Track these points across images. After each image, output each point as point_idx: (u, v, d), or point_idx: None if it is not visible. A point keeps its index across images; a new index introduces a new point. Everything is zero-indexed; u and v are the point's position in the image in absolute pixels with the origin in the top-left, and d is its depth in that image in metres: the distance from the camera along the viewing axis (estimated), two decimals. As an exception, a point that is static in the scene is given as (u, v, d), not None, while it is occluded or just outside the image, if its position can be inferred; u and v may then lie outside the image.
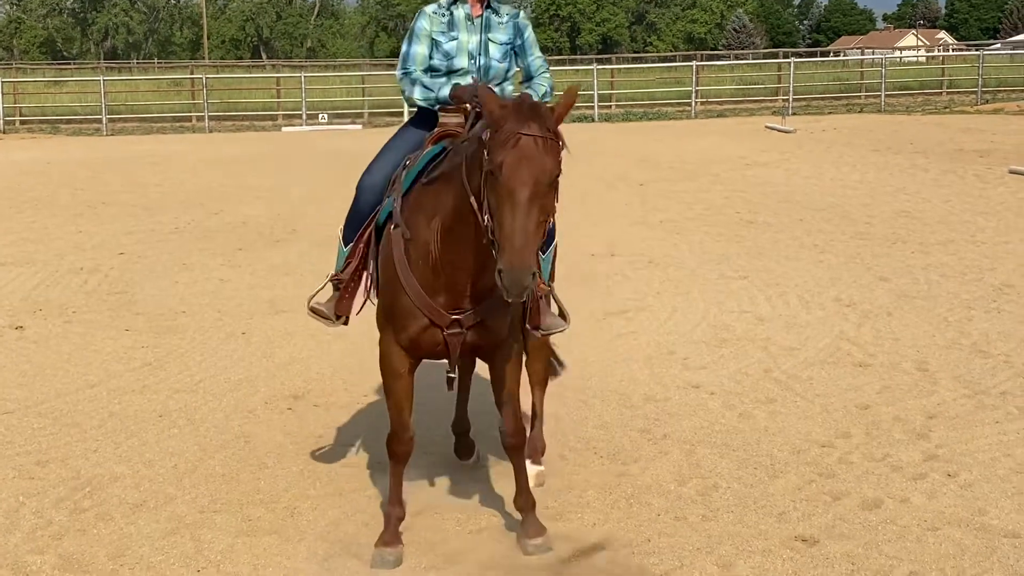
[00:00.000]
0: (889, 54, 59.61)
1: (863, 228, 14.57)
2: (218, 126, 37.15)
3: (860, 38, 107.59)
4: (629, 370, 8.57)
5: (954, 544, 5.53)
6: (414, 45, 5.68)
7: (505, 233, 4.38)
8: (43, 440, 7.20)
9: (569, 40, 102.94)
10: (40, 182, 21.26)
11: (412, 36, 5.71)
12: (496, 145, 4.44)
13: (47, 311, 10.82)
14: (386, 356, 5.32)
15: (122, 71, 64.59)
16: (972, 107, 37.44)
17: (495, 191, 4.44)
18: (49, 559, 5.50)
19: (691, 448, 6.90)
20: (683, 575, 5.28)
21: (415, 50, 5.68)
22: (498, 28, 5.76)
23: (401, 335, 5.21)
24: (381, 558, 5.40)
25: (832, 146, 25.04)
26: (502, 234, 4.40)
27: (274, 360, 9.03)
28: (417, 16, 5.76)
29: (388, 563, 5.38)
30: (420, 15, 5.74)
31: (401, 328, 5.19)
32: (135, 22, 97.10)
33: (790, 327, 9.73)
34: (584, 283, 11.22)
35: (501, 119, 4.48)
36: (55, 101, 40.96)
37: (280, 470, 6.65)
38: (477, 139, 4.68)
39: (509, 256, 4.35)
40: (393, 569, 5.35)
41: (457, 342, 5.19)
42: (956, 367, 8.46)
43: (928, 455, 6.71)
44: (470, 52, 5.68)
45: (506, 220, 4.39)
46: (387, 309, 5.26)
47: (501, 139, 4.43)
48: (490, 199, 4.49)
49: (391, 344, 5.27)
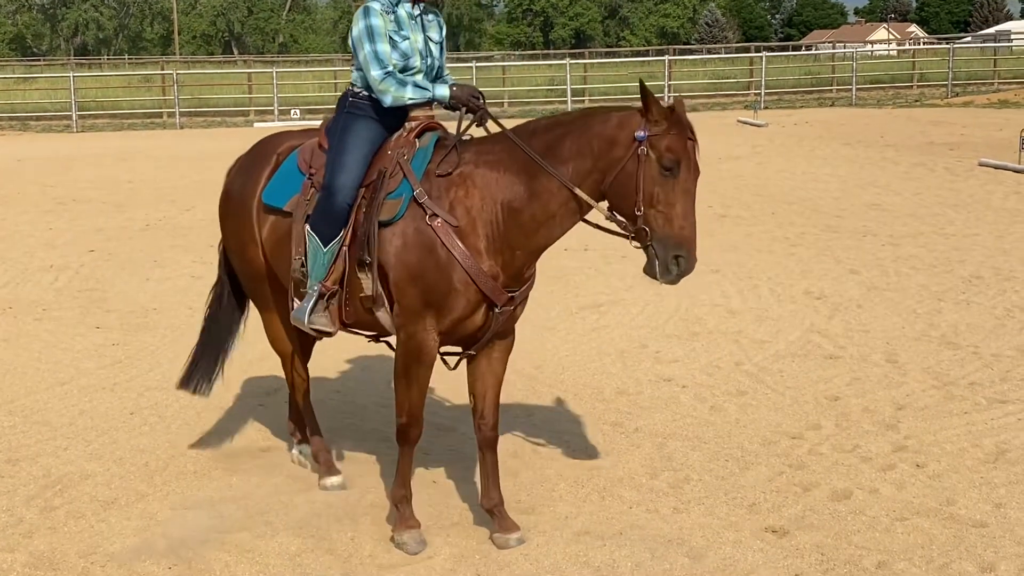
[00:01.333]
0: (860, 48, 59.86)
1: (834, 221, 14.65)
2: (189, 122, 37.00)
3: (832, 32, 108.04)
4: (602, 364, 8.60)
5: (923, 534, 5.58)
6: (379, 44, 5.55)
7: (686, 224, 5.08)
8: (13, 438, 7.17)
9: (542, 35, 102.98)
10: (10, 179, 21.12)
11: (373, 35, 5.55)
12: (672, 146, 5.04)
13: (17, 309, 10.76)
14: (421, 344, 5.41)
15: (92, 67, 64.11)
16: (942, 100, 37.67)
17: (668, 186, 5.05)
18: (20, 557, 5.48)
19: (663, 441, 6.93)
20: (654, 567, 5.30)
21: (383, 48, 5.56)
22: (431, 27, 5.82)
23: (445, 320, 5.37)
24: (415, 540, 5.53)
25: (804, 140, 25.16)
26: (681, 225, 5.07)
27: (246, 356, 8.98)
28: (367, 13, 5.59)
29: (422, 544, 5.53)
30: (370, 13, 5.58)
31: (448, 311, 5.35)
32: (105, 18, 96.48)
33: (761, 320, 9.79)
34: (557, 278, 11.24)
35: (667, 122, 5.06)
36: (24, 98, 40.69)
37: (252, 466, 6.64)
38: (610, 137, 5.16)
39: (690, 245, 5.10)
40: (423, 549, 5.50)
41: (500, 322, 5.49)
42: (925, 359, 8.52)
43: (897, 446, 6.76)
44: (420, 51, 5.72)
45: (685, 213, 5.08)
46: (429, 296, 5.34)
47: (676, 142, 5.04)
48: (656, 191, 5.05)
49: (428, 332, 5.39)
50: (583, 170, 5.22)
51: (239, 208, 6.14)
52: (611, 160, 5.17)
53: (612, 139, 5.17)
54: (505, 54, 68.34)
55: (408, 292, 5.37)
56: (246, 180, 6.15)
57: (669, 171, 5.04)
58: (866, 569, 5.24)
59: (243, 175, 6.21)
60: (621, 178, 5.14)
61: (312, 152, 5.85)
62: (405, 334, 5.44)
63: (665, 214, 5.07)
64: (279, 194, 5.87)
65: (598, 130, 5.23)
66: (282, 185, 5.88)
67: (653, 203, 5.08)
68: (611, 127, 5.20)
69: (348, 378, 8.32)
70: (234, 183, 6.27)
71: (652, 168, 5.06)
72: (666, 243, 5.10)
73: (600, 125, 5.24)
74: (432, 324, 5.38)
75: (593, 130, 5.25)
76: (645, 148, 5.07)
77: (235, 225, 6.20)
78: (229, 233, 6.32)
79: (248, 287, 6.40)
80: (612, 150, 5.17)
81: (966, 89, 40.70)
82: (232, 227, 6.25)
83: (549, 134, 5.35)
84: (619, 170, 5.13)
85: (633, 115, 5.18)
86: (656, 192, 5.06)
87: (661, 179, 5.05)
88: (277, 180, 5.94)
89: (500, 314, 5.45)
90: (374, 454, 6.79)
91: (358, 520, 5.86)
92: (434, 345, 5.43)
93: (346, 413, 7.57)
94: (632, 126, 5.13)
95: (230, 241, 6.33)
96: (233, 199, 6.22)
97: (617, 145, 5.15)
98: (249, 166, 6.22)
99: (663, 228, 5.09)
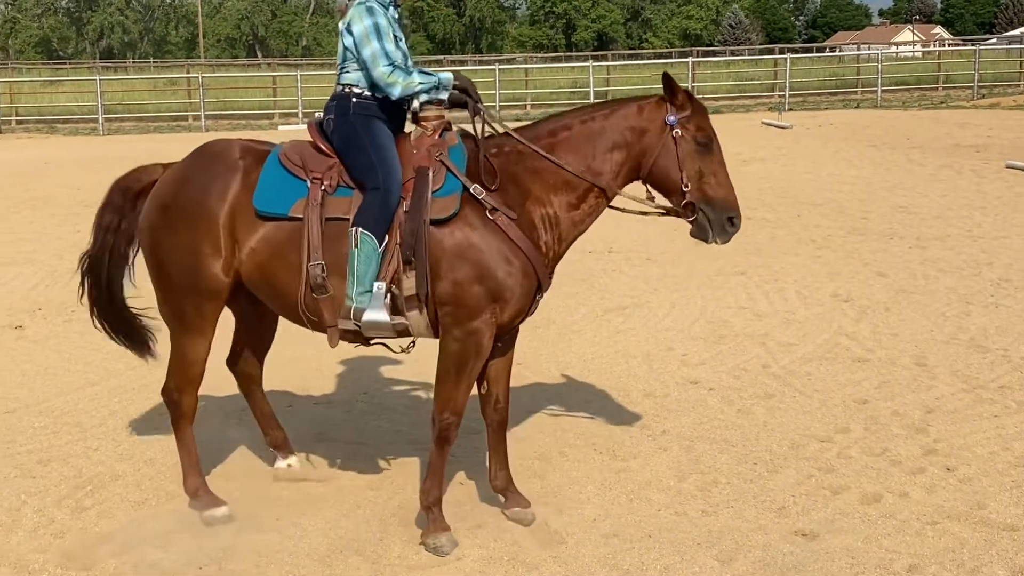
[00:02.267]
0: (885, 49, 59.60)
1: (860, 223, 14.60)
2: (214, 125, 37.14)
3: (856, 33, 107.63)
4: (628, 366, 8.60)
5: (953, 538, 5.56)
6: (386, 42, 5.64)
7: (730, 189, 5.59)
8: (44, 439, 7.22)
9: (565, 37, 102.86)
10: (37, 181, 21.26)
11: (379, 33, 5.63)
12: (701, 124, 5.58)
13: (47, 310, 10.84)
14: (481, 339, 5.50)
15: (118, 70, 64.52)
16: (968, 102, 37.47)
17: (706, 159, 5.57)
18: (51, 557, 5.52)
19: (690, 444, 6.93)
20: (683, 570, 5.30)
21: (389, 47, 5.65)
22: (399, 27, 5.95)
23: (509, 309, 5.52)
24: (451, 543, 5.56)
25: (829, 142, 25.07)
26: (727, 190, 5.58)
27: (274, 358, 9.02)
28: (371, 12, 5.65)
29: (455, 544, 5.56)
30: (375, 12, 5.66)
31: (513, 303, 5.52)
32: (130, 21, 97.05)
33: (788, 323, 9.76)
34: (582, 280, 11.24)
35: (691, 105, 5.60)
36: (51, 101, 40.89)
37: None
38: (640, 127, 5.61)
39: (737, 206, 5.61)
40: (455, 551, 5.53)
41: (536, 307, 5.79)
42: (954, 362, 8.48)
43: (927, 449, 6.74)
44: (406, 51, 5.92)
45: (728, 180, 5.60)
46: (495, 291, 5.45)
47: (703, 120, 5.60)
48: (698, 166, 5.55)
49: (489, 326, 5.49)
50: (619, 160, 5.66)
51: (196, 219, 5.66)
52: (644, 147, 5.62)
53: (642, 129, 5.63)
54: (527, 56, 68.23)
55: (472, 289, 5.42)
56: (204, 189, 5.71)
57: (704, 146, 5.57)
58: (897, 573, 5.23)
59: (194, 184, 5.74)
60: (661, 161, 5.59)
61: (304, 155, 5.69)
62: (463, 331, 5.46)
63: (710, 184, 5.58)
64: (277, 201, 5.59)
65: (628, 123, 5.65)
66: (277, 191, 5.60)
67: (697, 176, 5.57)
68: (639, 118, 5.65)
69: (375, 379, 8.34)
70: (182, 193, 5.75)
71: (689, 147, 5.56)
72: (717, 207, 5.57)
73: (629, 118, 5.67)
74: (493, 318, 5.48)
75: (622, 123, 5.66)
76: (679, 131, 5.56)
77: (188, 238, 5.68)
78: (171, 247, 5.75)
79: (180, 304, 5.83)
80: (644, 137, 5.62)
81: (992, 91, 40.45)
82: (182, 240, 5.70)
83: (576, 130, 5.68)
84: (656, 154, 5.59)
85: (657, 103, 5.66)
86: (698, 167, 5.57)
87: (698, 155, 5.57)
88: (266, 187, 5.62)
89: (536, 299, 5.72)
90: (402, 456, 6.80)
91: (386, 521, 5.88)
92: (492, 337, 5.55)
93: (373, 415, 7.60)
94: (660, 113, 5.61)
95: (172, 255, 5.74)
96: (185, 209, 5.70)
97: (648, 132, 5.61)
98: (202, 174, 5.78)
99: (713, 194, 5.57)
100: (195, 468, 6.06)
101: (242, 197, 5.67)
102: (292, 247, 5.58)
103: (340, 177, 5.64)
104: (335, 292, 5.55)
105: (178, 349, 5.95)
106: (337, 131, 5.74)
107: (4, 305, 11.09)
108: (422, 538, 5.63)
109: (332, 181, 5.62)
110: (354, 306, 5.47)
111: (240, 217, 5.66)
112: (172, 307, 5.89)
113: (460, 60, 64.96)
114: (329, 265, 5.53)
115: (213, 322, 5.88)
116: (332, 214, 5.57)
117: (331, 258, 5.53)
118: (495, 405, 5.93)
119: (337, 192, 5.61)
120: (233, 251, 5.68)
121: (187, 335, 5.88)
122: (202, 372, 5.98)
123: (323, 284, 5.54)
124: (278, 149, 5.81)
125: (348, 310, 5.50)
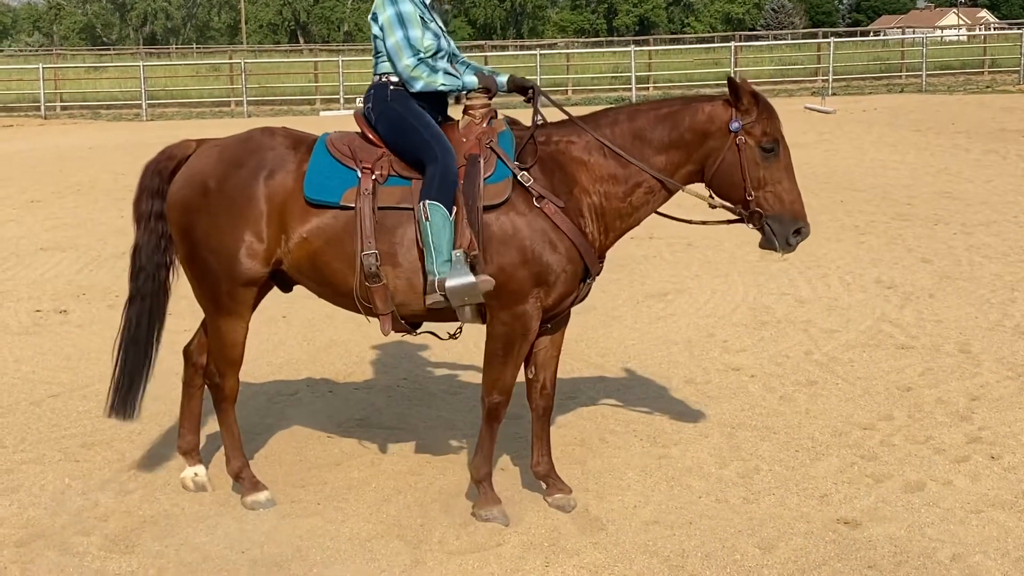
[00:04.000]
0: (930, 33, 59.00)
1: (904, 209, 14.46)
2: (257, 111, 37.33)
3: (900, 17, 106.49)
4: (669, 353, 8.57)
5: (998, 527, 5.51)
6: (411, 29, 5.61)
7: (796, 198, 5.45)
8: (88, 423, 7.29)
9: (606, 22, 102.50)
10: (82, 167, 21.46)
11: (404, 20, 5.60)
12: (767, 130, 5.41)
13: (91, 295, 10.93)
14: (528, 321, 5.55)
15: (161, 56, 64.98)
16: (1014, 86, 37.00)
17: (772, 167, 5.42)
18: (95, 540, 5.58)
19: (732, 431, 6.90)
20: (724, 557, 5.28)
21: (415, 34, 5.61)
22: (435, 15, 5.90)
23: (552, 295, 5.54)
24: (503, 514, 5.70)
25: (872, 127, 24.85)
26: (792, 199, 5.44)
27: (315, 343, 9.09)
28: (393, 1, 5.63)
29: (506, 516, 5.69)
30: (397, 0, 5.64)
31: (558, 287, 5.54)
32: (173, 7, 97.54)
33: (831, 309, 9.69)
34: (623, 266, 11.21)
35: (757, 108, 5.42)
36: (95, 87, 41.27)
37: (323, 453, 6.70)
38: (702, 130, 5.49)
39: (804, 216, 5.46)
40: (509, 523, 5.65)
41: (585, 292, 5.78)
42: (999, 349, 8.39)
43: (971, 437, 6.67)
44: (444, 34, 5.86)
45: (792, 187, 5.46)
46: (541, 276, 5.48)
47: (770, 125, 5.43)
48: (763, 174, 5.42)
49: (536, 308, 5.53)
50: (676, 161, 5.57)
51: (242, 207, 5.62)
52: (706, 151, 5.51)
53: (704, 132, 5.50)
54: (569, 41, 68.15)
55: (518, 274, 5.45)
56: (253, 176, 5.65)
57: (770, 152, 5.42)
58: (940, 562, 5.18)
59: (243, 171, 5.68)
60: (724, 168, 5.48)
61: (354, 145, 5.69)
62: (510, 314, 5.51)
63: (775, 193, 5.44)
64: (327, 189, 5.58)
65: (689, 123, 5.53)
66: (327, 180, 5.59)
67: (761, 185, 5.44)
68: (702, 121, 5.52)
69: (417, 364, 8.36)
70: (229, 178, 5.68)
71: (753, 154, 5.42)
72: (784, 220, 5.44)
73: (691, 119, 5.54)
74: (540, 302, 5.52)
75: (684, 123, 5.54)
76: (743, 137, 5.41)
77: (227, 222, 5.63)
78: (210, 231, 5.68)
79: (214, 288, 5.78)
80: (706, 142, 5.50)
81: (1039, 75, 39.95)
82: (222, 225, 5.64)
83: (634, 123, 5.62)
84: (720, 160, 5.47)
85: (721, 106, 5.51)
86: (762, 175, 5.43)
87: (764, 162, 5.42)
88: (316, 176, 5.60)
89: (587, 284, 5.72)
90: (443, 441, 6.81)
91: (427, 506, 5.89)
92: (539, 320, 5.58)
93: (415, 400, 7.61)
94: (724, 118, 5.47)
95: (210, 240, 5.68)
96: (230, 196, 5.64)
97: (711, 137, 5.49)
98: (252, 160, 5.71)
99: (778, 207, 5.44)
100: (238, 451, 6.09)
101: (293, 186, 5.64)
102: (346, 236, 5.57)
103: (391, 167, 5.63)
104: (387, 281, 5.56)
105: (215, 332, 5.94)
106: (381, 119, 5.73)
107: (49, 290, 11.20)
108: (474, 509, 5.75)
109: (383, 171, 5.61)
110: (437, 277, 5.44)
111: (290, 206, 5.63)
112: (206, 291, 5.85)
113: (501, 45, 64.84)
114: (383, 254, 5.53)
115: (249, 304, 5.87)
116: (384, 203, 5.56)
117: (384, 247, 5.53)
118: (541, 391, 5.94)
119: (389, 182, 5.60)
120: (278, 241, 5.65)
121: (223, 318, 5.85)
122: (241, 354, 5.98)
123: (376, 273, 5.53)
124: (324, 137, 5.80)
125: (432, 283, 5.46)
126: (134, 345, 6.14)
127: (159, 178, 5.98)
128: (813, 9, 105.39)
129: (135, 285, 6.14)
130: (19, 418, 7.41)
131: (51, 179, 19.72)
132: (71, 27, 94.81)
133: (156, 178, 5.99)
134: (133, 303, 6.15)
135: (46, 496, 6.13)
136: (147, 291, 6.11)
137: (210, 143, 5.99)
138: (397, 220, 5.55)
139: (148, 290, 6.11)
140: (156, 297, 6.13)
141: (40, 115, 36.73)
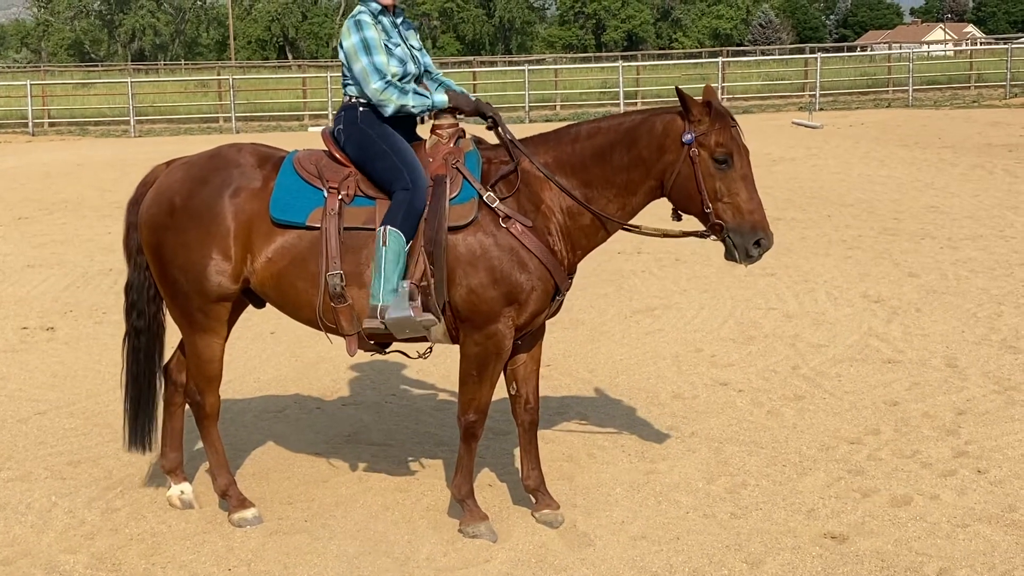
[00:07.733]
0: (917, 48, 59.26)
1: (891, 224, 14.51)
2: (245, 126, 37.32)
3: (887, 32, 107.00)
4: (656, 368, 8.58)
5: (984, 541, 5.52)
6: (376, 55, 5.58)
7: (754, 207, 5.28)
8: (75, 440, 7.27)
9: (594, 37, 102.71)
10: (69, 184, 21.42)
11: (368, 47, 5.57)
12: (720, 140, 5.26)
13: (78, 312, 10.91)
14: (502, 341, 5.56)
15: (149, 72, 64.92)
16: (1001, 101, 37.15)
17: (727, 178, 5.28)
18: (82, 558, 5.56)
19: (719, 446, 6.90)
20: (712, 572, 5.28)
21: (380, 60, 5.59)
22: (409, 35, 5.90)
23: (525, 312, 5.54)
24: (490, 529, 5.71)
25: (860, 141, 24.93)
26: (750, 210, 5.27)
27: (303, 360, 9.08)
28: (359, 27, 5.61)
29: (493, 532, 5.70)
30: (363, 26, 5.61)
31: (529, 306, 5.53)
32: (162, 23, 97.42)
33: (818, 324, 9.71)
34: (611, 281, 11.22)
35: (709, 118, 5.29)
36: (83, 103, 41.20)
37: (310, 469, 6.69)
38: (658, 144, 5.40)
39: (764, 226, 5.29)
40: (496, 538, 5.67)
41: (556, 308, 5.78)
42: (986, 363, 8.42)
43: (958, 451, 6.69)
44: (412, 57, 5.82)
45: (750, 197, 5.29)
46: (512, 295, 5.48)
47: (722, 135, 5.26)
48: (718, 185, 5.29)
49: (509, 328, 5.54)
50: (636, 179, 5.51)
51: (208, 224, 5.60)
52: (663, 166, 5.43)
53: (660, 146, 5.42)
54: (557, 57, 68.24)
55: (488, 295, 5.45)
56: (217, 193, 5.63)
57: (724, 163, 5.29)
58: (927, 576, 5.19)
59: (208, 188, 5.65)
60: (679, 181, 5.39)
61: (321, 165, 5.68)
62: (483, 335, 5.51)
63: (732, 204, 5.31)
64: (294, 210, 5.57)
65: (646, 140, 5.46)
66: (294, 200, 5.58)
67: (718, 197, 5.32)
68: (657, 135, 5.43)
69: (405, 381, 8.35)
70: (194, 196, 5.66)
71: (707, 165, 5.30)
72: (742, 232, 5.31)
73: (647, 134, 5.46)
74: (512, 321, 5.52)
75: (642, 140, 5.47)
76: (696, 149, 5.31)
77: (195, 239, 5.61)
78: (178, 249, 5.66)
79: (186, 306, 5.75)
80: (663, 156, 5.42)
81: (1025, 90, 40.14)
82: (189, 241, 5.62)
83: (592, 141, 5.57)
84: (675, 174, 5.38)
85: (674, 119, 5.42)
86: (718, 186, 5.31)
87: (719, 173, 5.30)
88: (282, 195, 5.59)
89: (558, 300, 5.72)
90: (431, 458, 6.81)
91: (415, 523, 5.89)
92: (512, 338, 5.59)
93: (402, 416, 7.61)
94: (676, 130, 5.37)
95: (178, 257, 5.66)
96: (196, 213, 5.62)
97: (667, 151, 5.40)
98: (217, 179, 5.68)
99: (735, 219, 5.31)
100: (224, 468, 6.08)
101: (258, 205, 5.63)
102: (311, 256, 5.57)
103: (357, 187, 5.62)
104: (353, 301, 5.55)
105: (192, 349, 5.93)
106: (350, 141, 5.72)
107: (35, 307, 11.18)
108: (460, 526, 5.76)
109: (349, 191, 5.61)
110: (380, 304, 5.46)
111: (256, 225, 5.62)
112: (179, 308, 5.82)
113: (490, 61, 64.99)
114: (348, 274, 5.53)
115: (224, 321, 5.85)
116: (350, 224, 5.56)
117: (349, 267, 5.53)
118: (525, 406, 5.96)
119: (355, 202, 5.60)
120: (244, 259, 5.65)
121: (197, 335, 5.84)
122: (220, 370, 5.96)
123: (341, 293, 5.53)
124: (291, 156, 5.79)
125: (374, 308, 5.48)
126: (136, 381, 6.22)
127: (137, 210, 5.97)
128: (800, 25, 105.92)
129: (130, 322, 6.18)
130: (5, 435, 7.39)
131: (38, 196, 19.68)
132: (59, 43, 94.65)
133: (135, 211, 5.99)
134: (130, 339, 6.20)
135: (32, 514, 6.10)
136: (142, 327, 6.15)
137: (179, 161, 6.01)
138: (363, 240, 5.54)
139: (143, 325, 6.14)
140: (152, 331, 6.16)
141: (28, 132, 36.67)
